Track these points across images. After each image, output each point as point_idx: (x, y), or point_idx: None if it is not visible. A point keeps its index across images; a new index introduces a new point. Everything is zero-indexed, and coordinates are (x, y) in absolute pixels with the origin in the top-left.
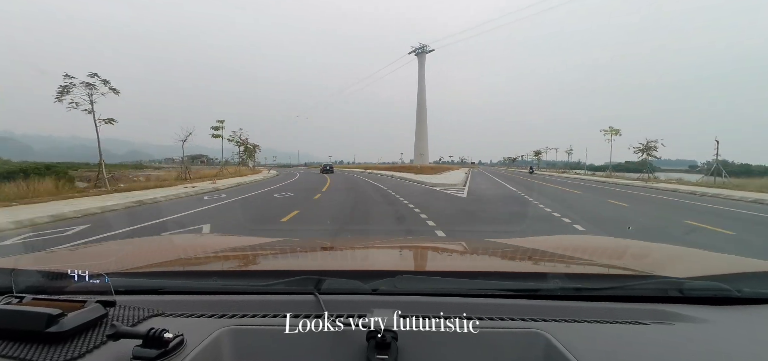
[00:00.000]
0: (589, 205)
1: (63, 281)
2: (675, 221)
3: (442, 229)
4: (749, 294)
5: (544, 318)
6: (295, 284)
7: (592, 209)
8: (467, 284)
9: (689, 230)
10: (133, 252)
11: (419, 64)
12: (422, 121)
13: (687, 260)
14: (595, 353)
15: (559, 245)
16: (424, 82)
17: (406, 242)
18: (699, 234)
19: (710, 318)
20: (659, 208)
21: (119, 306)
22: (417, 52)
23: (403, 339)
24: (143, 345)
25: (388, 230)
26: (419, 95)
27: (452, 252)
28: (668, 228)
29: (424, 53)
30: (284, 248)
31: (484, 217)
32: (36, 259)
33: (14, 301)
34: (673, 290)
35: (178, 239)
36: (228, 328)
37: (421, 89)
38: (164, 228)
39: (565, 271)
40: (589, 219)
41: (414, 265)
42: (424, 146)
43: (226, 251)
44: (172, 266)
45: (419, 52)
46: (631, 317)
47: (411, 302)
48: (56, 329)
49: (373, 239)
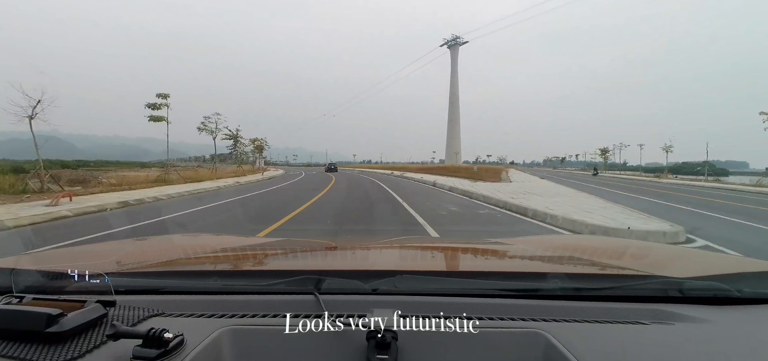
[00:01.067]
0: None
1: (63, 281)
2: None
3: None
4: (749, 294)
5: (544, 318)
6: (295, 284)
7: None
8: (467, 284)
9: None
10: (133, 252)
11: (452, 58)
12: (455, 118)
13: (687, 260)
14: (595, 353)
15: (559, 245)
16: (457, 76)
17: (406, 242)
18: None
19: (710, 318)
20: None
21: (119, 306)
22: (449, 45)
23: (403, 339)
24: (143, 345)
25: (389, 230)
26: (452, 90)
27: (452, 252)
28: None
29: (458, 45)
30: (284, 247)
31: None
32: (36, 259)
33: (14, 301)
34: (673, 290)
35: (178, 238)
36: (228, 328)
37: (453, 84)
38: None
39: (565, 271)
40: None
41: (414, 265)
42: (458, 145)
43: (226, 250)
44: (172, 266)
45: (452, 44)
46: (631, 317)
47: (411, 302)
48: (56, 329)
49: (373, 239)
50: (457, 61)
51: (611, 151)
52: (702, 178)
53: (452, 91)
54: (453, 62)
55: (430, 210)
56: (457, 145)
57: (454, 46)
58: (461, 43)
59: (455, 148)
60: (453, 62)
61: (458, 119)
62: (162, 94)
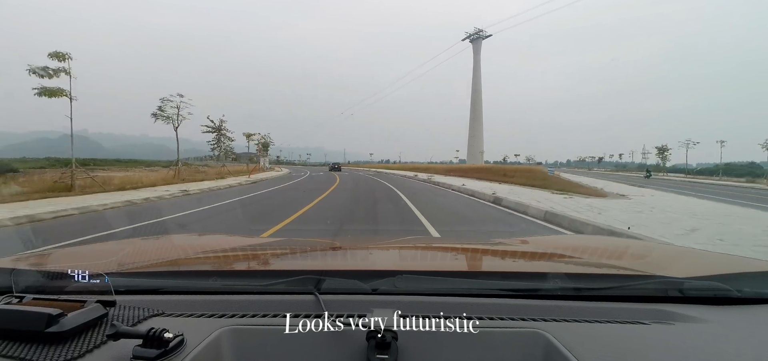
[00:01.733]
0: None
1: (63, 281)
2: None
3: None
4: (749, 294)
5: (544, 318)
6: (295, 284)
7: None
8: (467, 284)
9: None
10: (133, 252)
11: (474, 52)
12: (477, 115)
13: (687, 259)
14: (595, 353)
15: (559, 244)
16: (479, 71)
17: (406, 242)
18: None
19: (710, 318)
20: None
21: (119, 306)
22: (472, 39)
23: (403, 339)
24: (143, 345)
25: (389, 230)
26: (474, 86)
27: (452, 252)
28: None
29: (480, 39)
30: (284, 247)
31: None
32: (36, 259)
33: (14, 301)
34: (673, 290)
35: (178, 238)
36: (228, 328)
37: (476, 79)
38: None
39: (565, 271)
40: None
41: (414, 265)
42: (480, 143)
43: (226, 250)
44: (172, 266)
45: (474, 38)
46: (631, 317)
47: (411, 302)
48: (56, 329)
49: (373, 238)
50: (479, 56)
51: (670, 150)
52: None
53: (475, 87)
54: (476, 57)
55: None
56: (480, 143)
57: (476, 40)
58: (484, 37)
59: (478, 147)
60: (476, 57)
61: (481, 116)
62: (58, 53)
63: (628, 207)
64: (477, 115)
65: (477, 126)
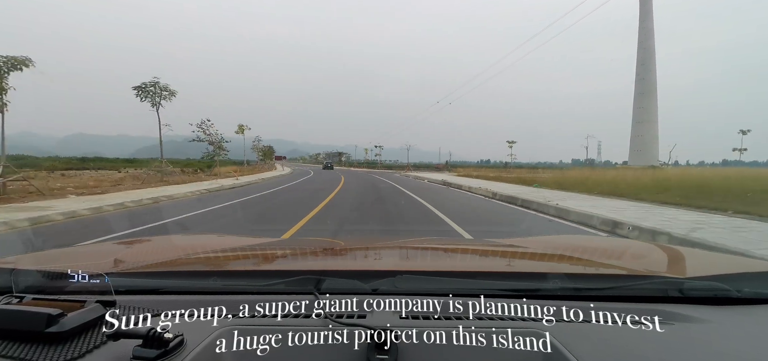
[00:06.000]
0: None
1: (63, 281)
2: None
3: None
4: (749, 294)
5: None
6: (295, 284)
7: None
8: (467, 284)
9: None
10: (132, 252)
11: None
12: (649, 90)
13: (687, 260)
14: (595, 353)
15: (559, 244)
16: (651, 23)
17: (406, 242)
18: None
19: (710, 318)
20: None
21: (119, 306)
22: None
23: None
24: (143, 345)
25: (389, 230)
26: (641, 52)
27: (452, 252)
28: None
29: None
30: (284, 247)
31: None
32: (36, 259)
33: (14, 301)
34: (673, 290)
35: (177, 238)
36: (228, 328)
37: (645, 36)
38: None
39: (565, 271)
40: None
41: (414, 265)
42: (653, 136)
43: (226, 250)
44: (172, 266)
45: None
46: (631, 318)
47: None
48: (56, 329)
49: (373, 238)
50: (650, 5)
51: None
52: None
53: (642, 54)
54: (643, 5)
55: None
56: (652, 137)
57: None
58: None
59: (648, 144)
60: (643, 5)
61: (655, 92)
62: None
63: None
64: (648, 89)
65: (647, 110)
